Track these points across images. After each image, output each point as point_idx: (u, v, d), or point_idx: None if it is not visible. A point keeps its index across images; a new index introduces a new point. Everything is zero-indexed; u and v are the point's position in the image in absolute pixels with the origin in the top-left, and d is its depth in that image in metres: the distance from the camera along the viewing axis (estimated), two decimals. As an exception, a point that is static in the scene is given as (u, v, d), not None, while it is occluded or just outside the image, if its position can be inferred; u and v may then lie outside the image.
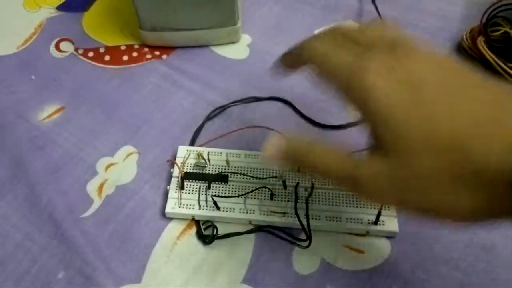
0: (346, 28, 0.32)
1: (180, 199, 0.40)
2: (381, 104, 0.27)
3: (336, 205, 0.40)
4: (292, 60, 0.36)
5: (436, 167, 0.25)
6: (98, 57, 0.53)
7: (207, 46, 0.54)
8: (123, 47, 0.54)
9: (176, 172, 0.42)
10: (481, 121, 0.25)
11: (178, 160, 0.42)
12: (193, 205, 0.40)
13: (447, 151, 0.25)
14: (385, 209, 0.38)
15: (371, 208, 0.39)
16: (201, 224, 0.40)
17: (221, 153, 0.43)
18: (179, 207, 0.40)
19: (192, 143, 0.45)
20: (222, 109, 0.47)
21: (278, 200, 0.40)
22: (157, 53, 0.53)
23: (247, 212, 0.39)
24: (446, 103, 0.26)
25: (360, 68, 0.28)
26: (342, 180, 0.30)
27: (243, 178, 0.41)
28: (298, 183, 0.40)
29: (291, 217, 0.39)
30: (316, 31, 0.54)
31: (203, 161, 0.42)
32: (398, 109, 0.26)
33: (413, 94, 0.26)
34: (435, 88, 0.26)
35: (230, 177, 0.41)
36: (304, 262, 0.38)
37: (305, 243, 0.38)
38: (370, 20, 0.34)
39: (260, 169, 0.42)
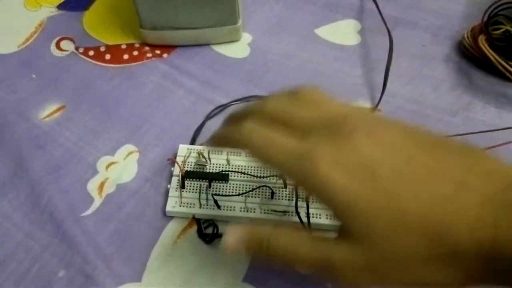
0: (272, 110, 0.30)
1: (181, 198, 0.40)
2: (340, 196, 0.26)
3: (337, 204, 0.39)
4: (225, 143, 0.35)
5: (408, 250, 0.25)
6: (99, 56, 0.53)
7: (207, 45, 0.53)
8: (123, 46, 0.54)
9: (176, 171, 0.41)
10: (444, 197, 0.24)
11: (179, 159, 0.42)
12: (194, 204, 0.40)
13: (417, 234, 0.24)
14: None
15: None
16: (201, 223, 0.40)
17: (221, 151, 0.43)
18: (180, 206, 0.40)
19: (192, 142, 0.45)
20: (222, 108, 0.47)
21: (278, 199, 0.40)
22: (157, 52, 0.53)
23: (247, 211, 0.39)
24: (405, 183, 0.25)
25: (309, 158, 0.26)
26: (315, 265, 0.28)
27: (244, 177, 0.41)
28: (298, 182, 0.40)
29: (292, 216, 0.39)
30: (317, 29, 0.54)
31: (204, 160, 0.42)
32: (359, 199, 0.25)
33: (369, 180, 0.25)
34: (389, 168, 0.26)
35: (231, 176, 0.41)
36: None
37: (306, 242, 0.38)
38: (286, 91, 0.31)
39: (260, 168, 0.42)
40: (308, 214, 0.38)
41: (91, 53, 0.53)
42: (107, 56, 0.53)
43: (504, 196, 0.24)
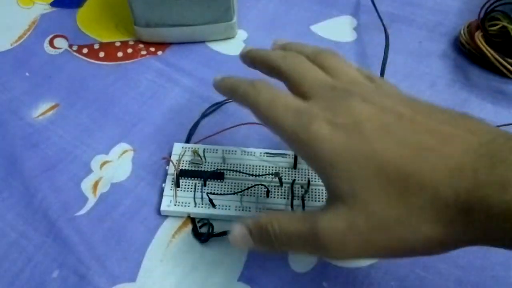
0: (289, 65, 0.33)
1: (176, 196, 0.40)
2: (326, 149, 0.27)
3: (333, 202, 0.39)
4: (232, 93, 0.35)
5: (393, 202, 0.25)
6: (93, 54, 0.52)
7: (202, 42, 0.53)
8: (117, 44, 0.53)
9: (171, 169, 0.41)
10: (427, 148, 0.25)
11: (174, 158, 0.42)
12: (189, 203, 0.40)
13: (399, 183, 0.25)
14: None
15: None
16: (196, 222, 0.40)
17: (217, 150, 0.42)
18: (175, 205, 0.40)
19: (187, 140, 0.44)
20: (218, 105, 0.47)
21: (274, 198, 0.40)
22: (152, 49, 0.53)
23: (243, 210, 0.39)
24: (390, 136, 0.26)
25: (306, 114, 0.29)
26: (303, 241, 0.28)
27: (239, 176, 0.41)
28: (294, 180, 0.40)
29: (288, 214, 0.39)
30: (313, 26, 0.54)
31: (199, 158, 0.42)
32: (343, 151, 0.26)
33: (356, 134, 0.27)
34: (378, 124, 0.27)
35: (226, 175, 0.41)
36: (300, 260, 0.38)
37: (302, 241, 0.38)
38: (310, 48, 0.35)
39: (256, 166, 0.41)
40: (304, 212, 0.38)
41: (85, 50, 0.53)
42: (101, 54, 0.52)
43: (487, 147, 0.24)
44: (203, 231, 0.39)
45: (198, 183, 0.40)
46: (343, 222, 0.26)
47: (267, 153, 0.42)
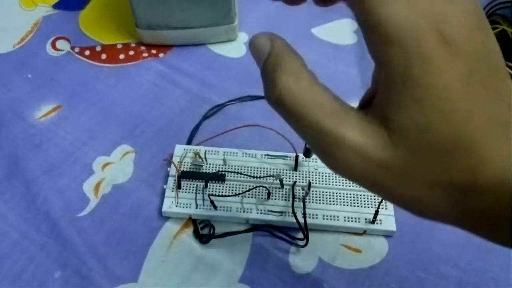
0: None
1: (177, 198, 0.40)
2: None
3: (333, 204, 0.39)
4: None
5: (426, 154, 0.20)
6: (95, 56, 0.53)
7: (204, 44, 0.53)
8: (119, 46, 0.54)
9: (173, 171, 0.41)
10: (495, 125, 0.20)
11: (175, 159, 0.42)
12: (190, 204, 0.40)
13: (444, 141, 0.19)
14: (382, 208, 0.38)
15: (368, 207, 0.39)
16: (198, 223, 0.40)
17: (218, 152, 0.43)
18: (176, 206, 0.40)
19: (189, 142, 0.45)
20: (219, 107, 0.47)
21: (275, 199, 0.40)
22: (153, 51, 0.53)
23: (244, 211, 0.39)
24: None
25: None
26: (315, 133, 0.21)
27: (240, 177, 0.41)
28: (295, 182, 0.40)
29: (288, 216, 0.39)
30: (314, 29, 0.54)
31: (200, 160, 0.42)
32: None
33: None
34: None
35: (227, 176, 0.41)
36: (301, 262, 0.38)
37: (302, 242, 0.38)
38: None
39: (257, 168, 0.41)
40: (304, 214, 0.38)
41: (87, 52, 0.53)
42: (103, 56, 0.53)
43: None
44: (204, 233, 0.39)
45: (200, 185, 0.41)
46: (368, 143, 0.20)
47: (268, 155, 0.42)
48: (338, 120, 0.21)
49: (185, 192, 0.40)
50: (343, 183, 0.40)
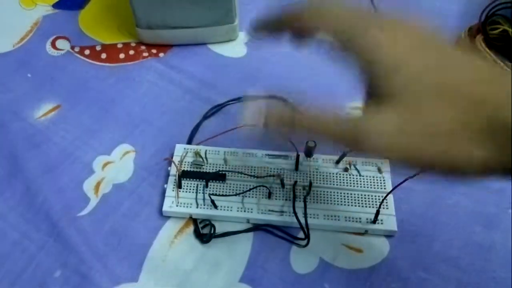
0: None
1: (178, 197, 0.40)
2: (391, 52, 0.27)
3: (334, 204, 0.39)
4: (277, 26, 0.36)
5: (447, 115, 0.24)
6: (95, 55, 0.53)
7: (204, 44, 0.53)
8: (119, 45, 0.53)
9: (173, 170, 0.41)
10: (485, 76, 0.25)
11: (176, 159, 0.42)
12: (191, 204, 0.40)
13: (458, 98, 0.24)
14: (383, 208, 0.38)
15: (369, 207, 0.39)
16: (198, 222, 0.40)
17: (218, 151, 0.43)
18: (177, 205, 0.40)
19: (189, 142, 0.45)
20: (219, 107, 0.47)
21: (276, 199, 0.40)
22: (154, 51, 0.53)
23: (245, 211, 0.39)
24: (450, 61, 0.27)
25: (367, 21, 0.29)
26: (343, 138, 0.27)
27: (241, 177, 0.41)
28: (296, 181, 0.40)
29: (289, 216, 0.39)
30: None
31: (201, 159, 0.42)
32: (408, 57, 0.27)
33: (418, 49, 0.27)
34: (439, 50, 0.28)
35: (228, 176, 0.41)
36: (302, 261, 0.38)
37: (303, 242, 0.38)
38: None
39: (258, 167, 0.41)
40: (305, 214, 0.38)
41: (87, 52, 0.53)
42: (103, 55, 0.52)
43: None
44: (205, 232, 0.39)
45: (200, 184, 0.40)
46: (391, 124, 0.25)
47: (268, 154, 0.42)
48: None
49: (186, 191, 0.40)
50: (344, 183, 0.40)
